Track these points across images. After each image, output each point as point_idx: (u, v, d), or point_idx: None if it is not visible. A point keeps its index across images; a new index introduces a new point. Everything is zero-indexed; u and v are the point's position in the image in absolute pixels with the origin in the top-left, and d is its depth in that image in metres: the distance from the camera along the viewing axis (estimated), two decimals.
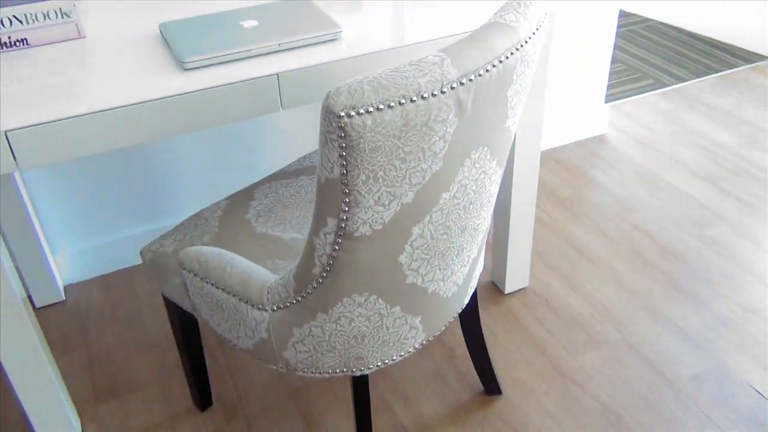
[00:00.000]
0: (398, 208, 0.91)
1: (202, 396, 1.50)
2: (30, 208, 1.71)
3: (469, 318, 1.40)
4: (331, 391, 1.55)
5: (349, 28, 1.33)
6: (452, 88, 0.84)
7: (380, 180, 0.86)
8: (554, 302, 1.76)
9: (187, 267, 1.18)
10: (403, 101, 0.81)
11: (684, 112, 2.58)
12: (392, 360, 1.15)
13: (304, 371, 1.13)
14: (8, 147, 1.07)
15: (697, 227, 2.00)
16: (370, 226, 0.92)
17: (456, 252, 1.07)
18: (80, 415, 1.52)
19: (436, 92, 0.83)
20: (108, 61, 1.26)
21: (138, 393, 1.57)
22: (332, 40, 1.29)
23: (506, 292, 1.79)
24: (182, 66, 1.21)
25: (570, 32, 2.19)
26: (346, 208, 0.89)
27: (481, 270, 1.28)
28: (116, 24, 1.42)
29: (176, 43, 1.25)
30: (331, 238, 0.94)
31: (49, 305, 1.83)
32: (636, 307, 1.73)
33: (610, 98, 2.66)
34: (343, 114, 0.78)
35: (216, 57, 1.22)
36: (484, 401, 1.52)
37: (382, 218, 0.92)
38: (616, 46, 3.08)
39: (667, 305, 1.74)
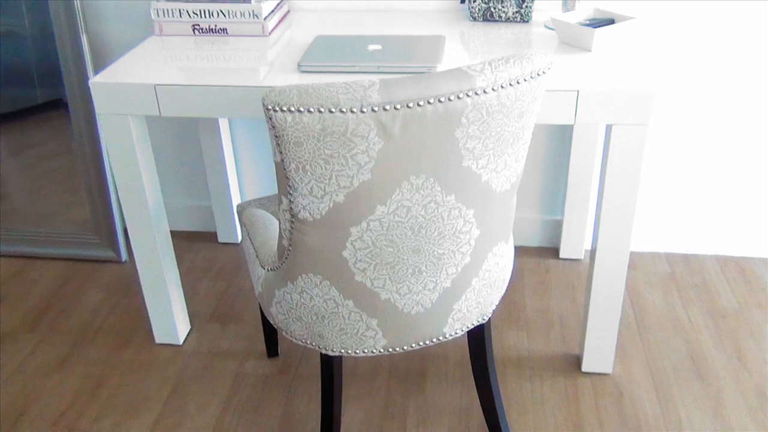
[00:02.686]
0: (332, 204, 1.06)
1: (270, 345, 1.77)
2: (229, 164, 2.16)
3: (475, 360, 1.43)
4: (368, 394, 1.69)
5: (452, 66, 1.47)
6: (373, 110, 0.97)
7: (309, 173, 1.03)
8: (628, 399, 1.63)
9: (244, 221, 1.46)
10: (321, 110, 0.97)
11: None
12: (355, 352, 1.28)
13: (285, 333, 1.33)
14: (154, 96, 1.47)
15: None
16: (310, 213, 1.09)
17: (411, 271, 1.16)
18: (192, 324, 1.91)
19: (354, 109, 0.96)
20: (266, 54, 1.61)
21: (237, 326, 1.90)
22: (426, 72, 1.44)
23: (583, 370, 1.71)
24: (299, 68, 1.49)
25: None
26: (290, 191, 1.07)
27: (475, 312, 1.31)
28: (299, 30, 1.77)
29: (309, 51, 1.54)
30: (287, 215, 1.12)
31: (229, 243, 2.28)
32: None
33: None
34: (270, 108, 0.98)
35: (324, 66, 1.47)
36: None
37: (318, 209, 1.07)
38: None
39: None
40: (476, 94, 1.00)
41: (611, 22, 1.61)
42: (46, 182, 2.31)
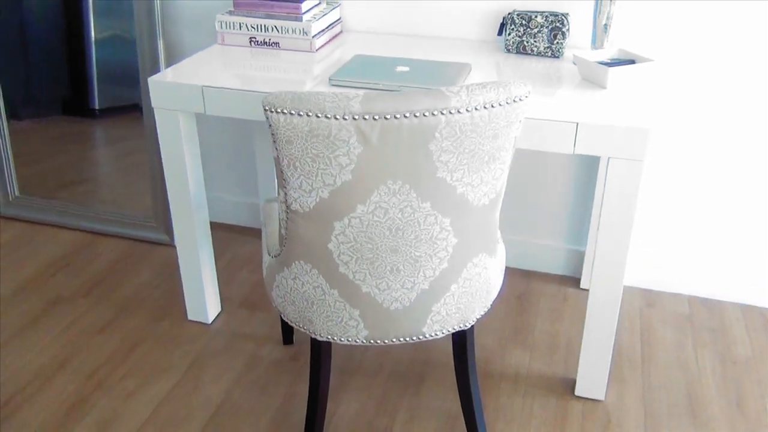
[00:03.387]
0: (317, 199, 1.20)
1: (285, 335, 1.92)
2: None
3: (457, 365, 1.52)
4: (366, 388, 1.81)
5: None
6: (354, 118, 1.10)
7: (298, 169, 1.17)
8: (615, 427, 1.67)
9: (264, 213, 1.62)
10: (309, 114, 1.11)
11: None
12: (339, 340, 1.40)
13: (282, 315, 1.47)
14: (201, 96, 1.67)
15: None
16: (300, 205, 1.23)
17: (389, 269, 1.28)
18: (223, 307, 2.09)
19: (338, 116, 1.10)
20: (310, 68, 1.78)
21: (262, 314, 2.06)
22: None
23: (576, 393, 1.76)
24: (329, 81, 1.65)
25: None
26: (285, 184, 1.22)
27: (455, 317, 1.40)
28: (346, 49, 1.93)
29: (343, 67, 1.70)
30: (283, 206, 1.27)
31: None
32: None
33: None
34: (267, 108, 1.13)
35: (351, 82, 1.62)
36: None
37: (307, 202, 1.22)
38: None
39: None
40: (450, 112, 1.12)
41: (632, 62, 1.68)
42: (125, 172, 2.56)
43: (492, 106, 1.14)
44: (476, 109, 1.13)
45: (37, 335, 1.98)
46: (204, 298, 1.98)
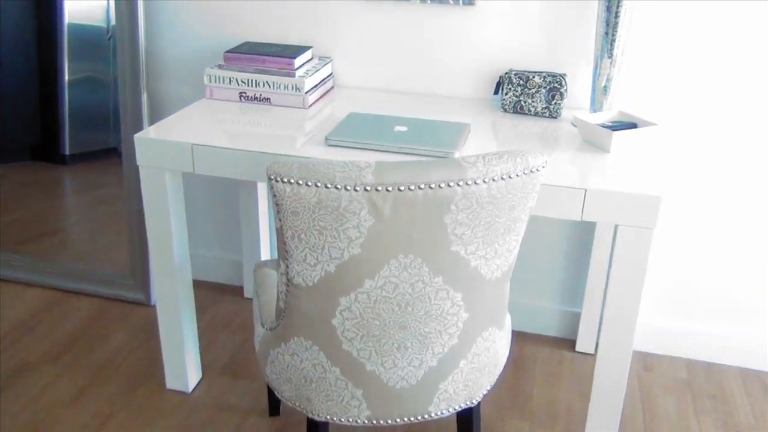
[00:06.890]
0: (323, 273, 1.12)
1: (272, 406, 1.81)
2: (262, 223, 2.25)
3: None
4: None
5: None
6: (366, 189, 1.03)
7: (303, 241, 1.09)
8: None
9: (256, 279, 1.53)
10: (318, 184, 1.04)
11: None
12: (339, 420, 1.31)
13: (276, 393, 1.37)
14: (191, 154, 1.59)
15: None
16: (303, 279, 1.14)
17: (396, 346, 1.20)
18: (204, 374, 1.97)
19: (348, 187, 1.03)
20: (302, 125, 1.71)
21: (246, 382, 1.95)
22: (442, 157, 1.51)
23: None
24: (326, 141, 1.58)
25: None
26: (287, 257, 1.14)
27: (463, 394, 1.32)
28: (338, 105, 1.87)
29: (339, 126, 1.63)
30: (284, 278, 1.19)
31: (251, 299, 2.35)
32: None
33: None
34: (272, 177, 1.05)
35: (349, 142, 1.56)
36: None
37: (311, 276, 1.13)
38: None
39: None
40: (467, 184, 1.06)
41: (633, 126, 1.65)
42: (98, 223, 2.45)
43: (509, 177, 1.09)
44: (493, 180, 1.07)
45: (0, 408, 1.83)
46: (184, 364, 1.86)
